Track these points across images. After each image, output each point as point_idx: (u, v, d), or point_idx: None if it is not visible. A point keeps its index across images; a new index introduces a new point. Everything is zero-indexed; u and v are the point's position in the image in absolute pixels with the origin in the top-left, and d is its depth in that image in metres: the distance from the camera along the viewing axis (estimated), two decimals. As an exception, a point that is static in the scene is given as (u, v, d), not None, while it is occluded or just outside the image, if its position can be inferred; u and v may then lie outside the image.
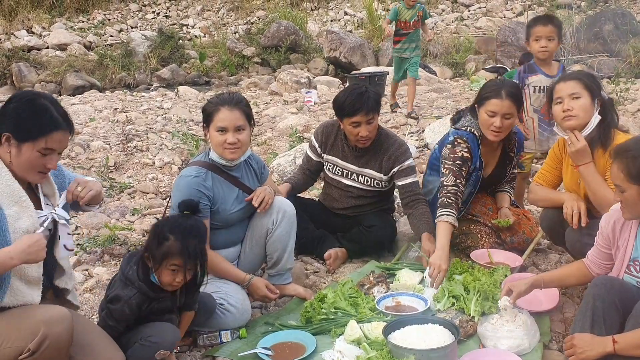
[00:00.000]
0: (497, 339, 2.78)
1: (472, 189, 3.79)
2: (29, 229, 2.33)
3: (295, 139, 6.95)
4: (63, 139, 2.41)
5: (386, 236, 3.96)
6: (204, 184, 3.16)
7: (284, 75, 11.60)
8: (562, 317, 3.10)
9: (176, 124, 8.09)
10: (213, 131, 3.17)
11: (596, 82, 3.15)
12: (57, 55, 15.91)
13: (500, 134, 3.58)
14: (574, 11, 15.45)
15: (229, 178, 3.28)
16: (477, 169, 3.72)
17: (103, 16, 19.98)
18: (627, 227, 2.65)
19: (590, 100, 3.07)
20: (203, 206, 3.11)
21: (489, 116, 3.54)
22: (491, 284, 3.06)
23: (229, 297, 3.07)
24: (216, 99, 3.25)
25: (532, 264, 3.73)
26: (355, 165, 3.92)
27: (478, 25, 17.30)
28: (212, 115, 3.16)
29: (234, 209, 3.28)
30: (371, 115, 3.69)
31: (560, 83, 3.17)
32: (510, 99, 3.51)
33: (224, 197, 3.24)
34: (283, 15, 17.38)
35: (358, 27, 17.90)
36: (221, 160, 3.22)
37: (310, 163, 4.14)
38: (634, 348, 2.34)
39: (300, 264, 3.82)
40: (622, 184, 2.48)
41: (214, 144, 3.19)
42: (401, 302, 3.23)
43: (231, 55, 16.13)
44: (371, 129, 3.74)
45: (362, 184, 3.94)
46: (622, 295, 2.50)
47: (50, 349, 2.17)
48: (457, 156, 3.63)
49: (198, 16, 20.53)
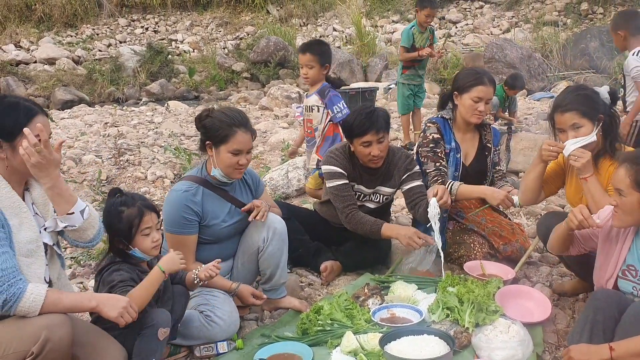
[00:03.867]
0: (491, 350, 2.81)
1: (455, 171, 3.90)
2: (31, 239, 2.39)
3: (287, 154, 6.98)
4: (46, 123, 2.47)
5: (381, 250, 4.00)
6: (193, 199, 3.18)
7: (275, 90, 11.66)
8: (554, 328, 3.14)
9: (168, 138, 8.12)
10: (225, 152, 3.15)
11: (592, 103, 3.11)
12: (45, 69, 15.89)
13: (482, 117, 3.88)
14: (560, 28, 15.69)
15: (221, 193, 3.30)
16: (454, 150, 3.89)
17: (92, 31, 19.99)
18: (624, 232, 2.71)
19: (590, 126, 3.07)
20: (190, 221, 3.16)
21: (475, 102, 3.80)
22: (485, 296, 3.09)
23: (216, 310, 3.08)
24: (228, 119, 3.17)
25: (524, 276, 3.78)
26: (369, 188, 3.90)
27: (465, 42, 17.51)
28: (228, 137, 3.14)
29: (226, 224, 3.30)
30: (382, 134, 3.67)
31: (558, 114, 3.15)
32: (491, 85, 3.87)
33: (215, 211, 3.26)
34: (272, 30, 17.48)
35: (346, 43, 18.04)
36: (223, 178, 3.24)
37: (349, 190, 3.83)
38: (631, 356, 2.36)
39: (295, 277, 3.84)
40: (625, 189, 2.52)
41: (225, 164, 3.18)
42: (396, 313, 3.26)
43: (220, 70, 16.20)
44: (382, 147, 3.70)
45: (373, 202, 3.95)
46: (621, 308, 2.53)
47: (52, 352, 2.21)
48: (429, 140, 3.87)
49: (187, 31, 20.60)
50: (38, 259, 2.44)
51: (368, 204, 3.94)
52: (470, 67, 4.19)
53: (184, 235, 3.18)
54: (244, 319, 3.37)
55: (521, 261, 3.74)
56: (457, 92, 3.89)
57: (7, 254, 2.29)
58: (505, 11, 19.22)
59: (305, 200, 5.37)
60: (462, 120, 3.93)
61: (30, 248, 2.40)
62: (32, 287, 2.28)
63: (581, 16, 17.55)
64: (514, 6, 19.13)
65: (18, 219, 2.39)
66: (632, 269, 2.67)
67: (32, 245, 2.41)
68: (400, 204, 5.35)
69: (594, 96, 3.15)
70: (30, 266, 2.40)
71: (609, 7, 17.49)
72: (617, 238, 2.75)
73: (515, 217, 4.89)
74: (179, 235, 3.17)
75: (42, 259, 2.46)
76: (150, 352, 2.55)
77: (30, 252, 2.40)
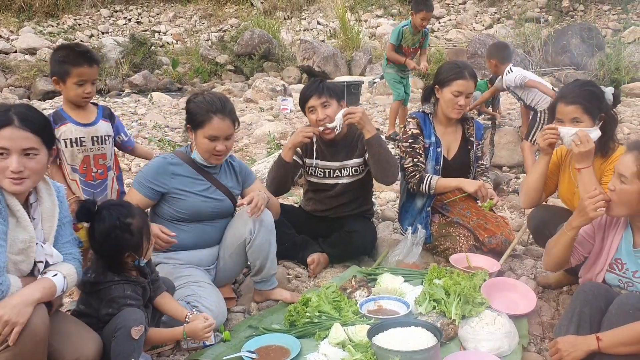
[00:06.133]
0: (477, 342, 2.85)
1: (435, 164, 3.95)
2: (24, 239, 2.36)
3: (273, 146, 6.98)
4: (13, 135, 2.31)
5: (367, 241, 4.02)
6: (167, 169, 3.26)
7: (260, 83, 11.61)
8: (539, 320, 3.18)
9: (152, 130, 8.06)
10: (202, 137, 3.20)
11: (596, 100, 3.13)
12: (26, 59, 15.62)
13: (462, 112, 3.93)
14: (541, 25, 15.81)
15: (203, 173, 3.33)
16: (434, 144, 3.95)
17: (73, 21, 19.72)
18: (614, 226, 2.73)
19: (591, 122, 3.10)
20: (150, 183, 3.23)
21: (455, 96, 3.86)
22: (471, 288, 3.12)
23: (203, 300, 3.06)
24: (206, 104, 3.21)
25: (509, 269, 3.82)
26: (336, 162, 3.96)
27: (448, 37, 17.56)
28: (204, 122, 3.18)
29: (203, 199, 3.29)
30: (324, 99, 3.79)
31: (562, 104, 3.17)
32: (472, 80, 3.91)
33: (191, 184, 3.28)
34: (256, 23, 17.37)
35: (331, 37, 18.02)
36: (203, 161, 3.29)
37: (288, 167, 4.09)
38: (618, 345, 2.38)
39: (282, 269, 3.84)
40: (630, 176, 2.49)
41: (202, 149, 3.24)
42: (383, 305, 3.28)
43: (204, 62, 16.07)
44: (329, 112, 3.78)
45: (345, 177, 3.98)
46: (608, 301, 2.55)
47: (28, 339, 2.18)
48: (408, 135, 3.95)
49: (170, 23, 20.41)
50: (27, 258, 2.39)
51: (342, 180, 3.98)
52: (451, 61, 4.20)
53: (136, 190, 3.24)
54: (231, 311, 3.36)
55: (506, 254, 3.77)
56: (438, 86, 3.95)
57: (2, 248, 2.28)
58: (487, 7, 19.33)
59: (292, 194, 5.37)
60: (443, 114, 3.97)
61: (22, 247, 2.37)
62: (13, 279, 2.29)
63: (562, 13, 17.71)
64: (496, 2, 19.24)
65: (15, 218, 2.36)
66: (619, 262, 2.70)
67: (23, 245, 2.37)
68: (385, 198, 5.37)
69: (599, 94, 3.16)
70: (18, 264, 2.37)
71: (589, 5, 17.69)
72: (607, 232, 2.77)
73: (500, 211, 4.94)
74: (134, 189, 3.25)
75: (31, 260, 2.42)
76: (127, 353, 2.52)
77: (20, 251, 2.37)
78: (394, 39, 7.29)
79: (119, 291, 2.63)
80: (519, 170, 6.33)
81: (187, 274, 3.24)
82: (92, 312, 2.66)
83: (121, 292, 2.63)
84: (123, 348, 2.51)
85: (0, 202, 2.31)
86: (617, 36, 14.79)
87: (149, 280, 2.81)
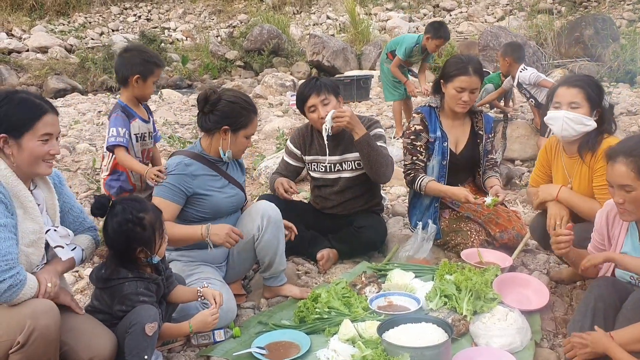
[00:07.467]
0: (489, 337, 2.82)
1: (442, 159, 3.90)
2: (34, 230, 2.40)
3: (282, 142, 6.95)
4: (54, 121, 2.48)
5: (376, 236, 3.99)
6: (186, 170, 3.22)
7: (269, 79, 11.60)
8: (552, 315, 3.14)
9: (162, 127, 8.06)
10: (242, 137, 3.28)
11: (599, 93, 3.12)
12: (37, 58, 15.74)
13: (467, 107, 3.87)
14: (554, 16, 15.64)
15: (215, 168, 3.33)
16: (439, 139, 3.89)
17: (84, 19, 19.85)
18: (618, 222, 2.69)
19: (588, 111, 3.06)
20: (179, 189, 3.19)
21: (458, 92, 3.81)
22: (482, 284, 3.09)
23: None
24: (248, 105, 3.30)
25: (521, 264, 3.77)
26: (336, 156, 3.93)
27: (459, 30, 17.42)
28: (248, 123, 3.28)
29: (226, 195, 3.32)
30: (324, 96, 3.78)
31: (564, 87, 3.14)
32: (476, 75, 3.82)
33: (211, 182, 3.29)
34: (265, 19, 17.34)
35: (340, 31, 17.94)
36: (229, 159, 3.34)
37: (288, 169, 4.15)
38: (631, 343, 2.36)
39: (292, 265, 3.83)
40: (633, 182, 2.44)
41: (240, 148, 3.33)
42: (393, 301, 3.25)
43: (214, 58, 16.07)
44: (330, 109, 3.76)
45: (347, 170, 3.95)
46: (622, 296, 2.52)
47: (39, 340, 2.23)
48: (411, 131, 3.93)
49: (180, 19, 20.47)
50: (38, 249, 2.44)
51: (344, 174, 3.96)
52: (457, 55, 4.13)
53: (162, 198, 3.17)
54: (241, 307, 3.35)
55: (518, 249, 3.73)
56: (444, 81, 3.91)
57: (13, 240, 2.30)
58: (499, -1, 19.19)
59: (301, 189, 5.35)
60: (449, 108, 3.93)
61: (32, 239, 2.41)
62: (29, 275, 2.32)
63: (576, 4, 17.50)
64: (508, -6, 19.09)
65: (23, 210, 2.39)
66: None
67: (34, 236, 2.41)
68: (396, 193, 5.34)
69: (602, 89, 3.18)
70: (29, 256, 2.40)
71: (603, -5, 17.49)
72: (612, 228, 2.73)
73: (512, 205, 4.89)
74: (164, 200, 3.16)
75: (42, 251, 2.47)
76: (140, 349, 2.51)
77: (31, 243, 2.41)
78: (403, 54, 6.96)
79: (131, 288, 2.62)
80: (532, 163, 6.26)
81: (199, 271, 3.25)
82: (105, 309, 2.66)
83: (134, 289, 2.62)
84: (137, 344, 2.51)
85: (5, 196, 2.33)
86: (632, 27, 14.58)
87: (163, 277, 2.80)
